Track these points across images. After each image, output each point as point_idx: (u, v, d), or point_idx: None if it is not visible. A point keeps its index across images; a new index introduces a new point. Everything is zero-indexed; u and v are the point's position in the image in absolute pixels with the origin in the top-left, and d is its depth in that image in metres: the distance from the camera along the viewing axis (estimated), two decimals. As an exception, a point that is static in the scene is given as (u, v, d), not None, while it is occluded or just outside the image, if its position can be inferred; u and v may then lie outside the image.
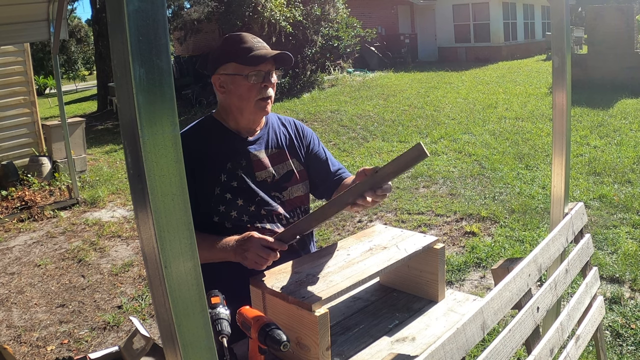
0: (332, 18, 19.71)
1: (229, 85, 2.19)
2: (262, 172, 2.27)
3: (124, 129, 0.95)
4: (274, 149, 2.34)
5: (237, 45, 2.18)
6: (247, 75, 2.14)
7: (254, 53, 2.16)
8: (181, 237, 0.98)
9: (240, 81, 2.16)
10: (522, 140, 9.87)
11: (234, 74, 2.16)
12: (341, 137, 11.53)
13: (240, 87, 2.17)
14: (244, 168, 2.23)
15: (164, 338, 1.04)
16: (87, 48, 47.45)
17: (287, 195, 2.31)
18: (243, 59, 2.15)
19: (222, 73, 2.20)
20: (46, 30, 7.58)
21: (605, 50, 14.33)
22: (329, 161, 2.51)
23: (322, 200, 2.59)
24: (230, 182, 2.19)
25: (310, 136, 2.51)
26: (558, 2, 2.42)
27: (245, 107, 2.21)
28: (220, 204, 2.17)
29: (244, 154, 2.26)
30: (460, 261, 5.29)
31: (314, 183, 2.47)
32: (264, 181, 2.26)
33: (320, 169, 2.47)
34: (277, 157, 2.33)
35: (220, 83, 2.21)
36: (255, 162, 2.26)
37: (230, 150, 2.24)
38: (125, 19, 0.87)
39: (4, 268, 6.23)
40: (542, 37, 29.99)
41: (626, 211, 6.13)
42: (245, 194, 2.20)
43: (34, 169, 9.35)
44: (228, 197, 2.18)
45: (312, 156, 2.47)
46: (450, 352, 1.52)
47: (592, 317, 2.46)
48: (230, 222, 2.17)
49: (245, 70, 2.14)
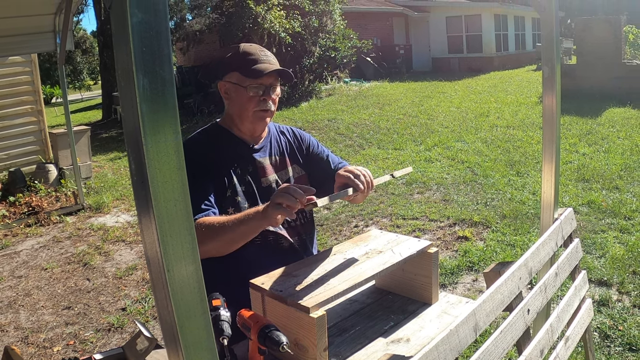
0: (329, 30, 19.74)
1: (232, 93, 2.21)
2: (266, 178, 2.28)
3: (128, 137, 0.96)
4: (276, 157, 2.36)
5: (244, 56, 2.19)
6: (247, 86, 2.16)
7: (256, 66, 2.16)
8: (183, 242, 0.98)
9: (241, 91, 2.17)
10: (513, 148, 9.89)
11: (236, 83, 2.18)
12: (338, 145, 11.54)
13: (241, 97, 2.18)
14: (251, 173, 2.25)
15: (166, 339, 1.04)
16: (92, 59, 47.49)
17: None
18: (245, 71, 2.16)
19: (227, 80, 2.21)
20: (53, 42, 7.59)
21: (593, 61, 14.36)
22: (330, 159, 2.53)
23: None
24: (240, 186, 2.20)
25: (309, 139, 2.53)
26: (548, 14, 2.43)
27: (244, 116, 2.23)
28: (231, 205, 2.17)
29: (249, 160, 2.27)
30: (453, 265, 5.28)
31: (319, 181, 2.47)
32: (269, 186, 2.28)
33: (324, 168, 2.49)
34: (279, 164, 2.35)
35: (225, 90, 2.23)
36: (260, 168, 2.28)
37: (237, 156, 2.26)
38: (129, 30, 0.87)
39: (11, 271, 6.21)
40: (533, 48, 30.06)
41: (614, 216, 6.14)
42: (252, 198, 2.22)
43: (40, 175, 9.34)
44: (238, 199, 2.18)
45: (313, 157, 2.49)
46: (444, 353, 1.51)
47: (581, 319, 2.46)
48: None
49: (246, 82, 2.16)
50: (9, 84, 9.57)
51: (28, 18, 6.69)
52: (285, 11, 17.89)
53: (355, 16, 24.05)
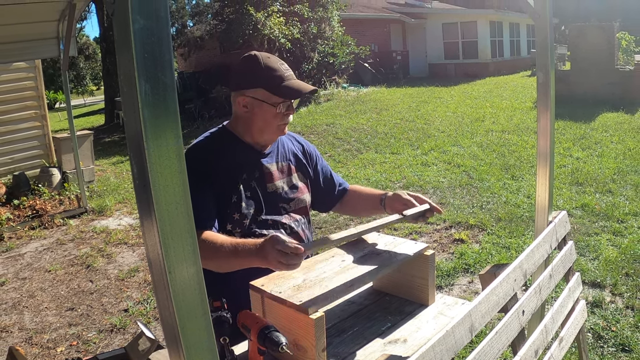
0: (328, 36, 19.79)
1: (255, 108, 2.14)
2: (272, 184, 2.25)
3: (130, 141, 0.96)
4: (283, 163, 2.33)
5: (268, 72, 2.12)
6: (275, 104, 2.11)
7: (286, 84, 2.11)
8: (184, 244, 0.98)
9: (267, 108, 2.12)
10: (508, 152, 9.89)
11: (263, 100, 2.12)
12: (336, 149, 11.55)
13: (266, 113, 2.13)
14: (257, 179, 2.21)
15: (168, 340, 1.04)
16: (95, 64, 47.52)
17: (292, 206, 2.30)
18: (274, 89, 2.10)
19: (249, 96, 2.14)
20: (56, 48, 7.59)
21: (587, 67, 14.38)
22: (332, 176, 2.53)
23: (326, 214, 2.61)
24: (245, 192, 2.17)
25: (315, 153, 2.51)
26: (542, 21, 2.44)
27: (266, 130, 2.18)
28: (235, 211, 2.14)
29: (257, 166, 2.24)
30: (450, 267, 5.28)
31: (319, 197, 2.48)
32: (274, 192, 2.25)
33: (326, 184, 2.49)
34: (285, 171, 2.33)
35: (244, 103, 2.15)
36: (267, 174, 2.25)
37: (245, 162, 2.21)
38: (131, 36, 0.88)
39: (16, 273, 6.20)
40: (528, 54, 30.08)
41: (607, 219, 6.14)
42: (256, 204, 2.19)
43: (44, 179, 9.33)
44: (243, 205, 2.15)
45: (317, 172, 2.47)
46: (440, 354, 1.52)
47: (574, 320, 2.46)
48: (240, 230, 2.15)
49: (272, 99, 2.11)
50: (13, 89, 9.57)
51: (32, 25, 6.70)
52: (284, 18, 17.93)
53: (353, 23, 24.08)
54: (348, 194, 2.55)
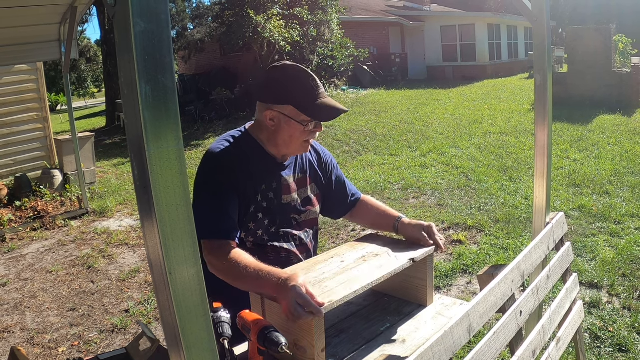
0: (327, 39, 19.78)
1: (282, 124, 2.09)
2: (288, 196, 2.22)
3: (131, 143, 0.96)
4: (300, 174, 2.30)
5: (299, 89, 2.06)
6: (304, 122, 2.07)
7: (318, 102, 2.07)
8: (185, 245, 0.98)
9: (295, 125, 2.07)
10: (506, 154, 9.90)
11: (291, 118, 2.07)
12: (336, 151, 11.54)
13: (294, 129, 2.08)
14: (274, 190, 2.18)
15: (168, 340, 1.04)
16: (96, 67, 47.46)
17: (304, 217, 2.28)
18: (304, 108, 2.06)
19: (278, 111, 2.08)
20: (58, 50, 7.60)
21: (584, 69, 14.39)
22: (346, 185, 2.51)
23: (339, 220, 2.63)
24: (262, 202, 2.14)
25: (331, 161, 2.48)
26: (540, 24, 2.44)
27: (291, 145, 2.14)
28: (252, 220, 2.12)
29: (275, 177, 2.20)
30: (448, 268, 5.28)
31: (330, 206, 2.45)
32: (288, 204, 2.22)
33: (339, 194, 2.47)
34: (301, 182, 2.30)
35: (272, 117, 2.09)
36: (284, 186, 2.21)
37: (265, 171, 2.17)
38: (132, 39, 0.88)
39: (18, 274, 6.20)
40: (525, 56, 30.10)
41: (604, 221, 6.14)
42: (270, 215, 2.16)
43: (46, 180, 9.33)
44: (259, 216, 2.13)
45: (333, 181, 2.45)
46: (439, 354, 1.51)
47: (572, 320, 2.46)
48: (253, 240, 2.13)
49: (303, 118, 2.07)
50: (15, 91, 9.58)
51: (34, 27, 6.70)
52: (284, 21, 17.92)
53: (352, 26, 24.09)
54: (359, 204, 2.52)
